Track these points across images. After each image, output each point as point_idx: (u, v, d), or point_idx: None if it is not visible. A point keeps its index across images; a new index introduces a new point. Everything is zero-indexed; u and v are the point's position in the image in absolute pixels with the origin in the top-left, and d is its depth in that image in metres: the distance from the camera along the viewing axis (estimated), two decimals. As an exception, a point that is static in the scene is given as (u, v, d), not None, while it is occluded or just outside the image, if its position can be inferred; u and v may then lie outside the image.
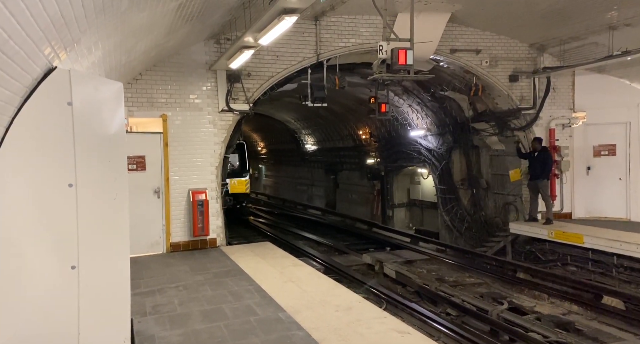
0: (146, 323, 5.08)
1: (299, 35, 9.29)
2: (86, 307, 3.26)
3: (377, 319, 4.97)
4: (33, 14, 2.34)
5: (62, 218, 3.17)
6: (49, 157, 3.11)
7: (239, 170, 17.06)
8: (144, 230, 8.48)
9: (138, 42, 5.86)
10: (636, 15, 8.34)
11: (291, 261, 7.69)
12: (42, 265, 3.13)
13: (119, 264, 3.46)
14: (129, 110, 8.38)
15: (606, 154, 11.12)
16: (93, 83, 3.43)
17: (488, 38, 10.57)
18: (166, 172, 8.70)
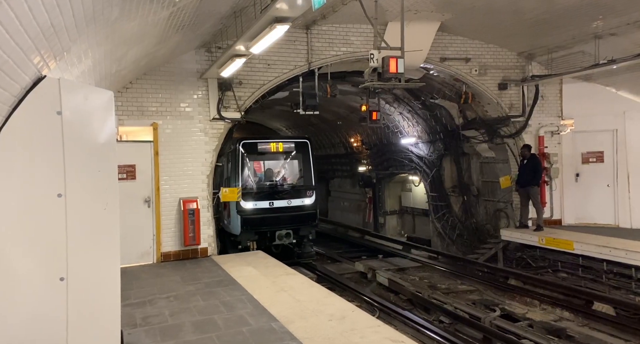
0: (136, 335, 4.99)
1: (290, 44, 9.33)
2: (75, 319, 3.20)
3: (370, 328, 4.94)
4: (23, 23, 2.31)
5: (51, 228, 3.12)
6: (37, 166, 3.07)
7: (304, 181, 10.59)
8: (134, 240, 8.37)
9: (129, 51, 5.84)
10: (620, 25, 8.51)
11: (284, 270, 7.64)
12: (30, 277, 3.07)
13: (109, 275, 3.40)
14: (119, 118, 8.31)
15: (594, 161, 11.27)
16: (83, 92, 3.40)
17: (477, 47, 10.70)
18: (157, 181, 8.62)
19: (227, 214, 10.25)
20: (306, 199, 10.43)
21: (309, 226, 10.54)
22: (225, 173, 10.43)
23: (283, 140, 11.00)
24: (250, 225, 9.75)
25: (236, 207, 9.76)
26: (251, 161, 10.53)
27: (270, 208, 9.99)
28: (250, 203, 9.80)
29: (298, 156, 10.82)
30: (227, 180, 10.21)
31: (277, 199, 10.08)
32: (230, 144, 10.25)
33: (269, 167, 10.94)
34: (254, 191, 10.00)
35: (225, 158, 10.36)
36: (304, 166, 10.72)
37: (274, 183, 10.47)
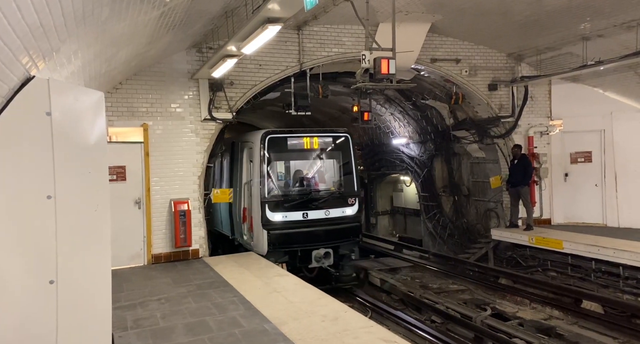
0: (128, 338, 4.94)
1: (282, 44, 9.32)
2: (65, 322, 3.15)
3: (363, 329, 4.95)
4: (11, 23, 2.28)
5: (41, 230, 3.07)
6: (26, 168, 3.02)
7: None
8: (124, 242, 8.29)
9: (119, 51, 5.79)
10: (608, 26, 8.64)
11: (276, 271, 7.62)
12: (18, 280, 3.02)
13: (99, 277, 3.36)
14: (109, 119, 8.23)
15: (582, 161, 11.42)
16: (73, 93, 3.36)
17: (467, 48, 10.79)
18: (147, 182, 8.55)
19: (248, 227, 8.69)
20: (347, 209, 8.57)
21: (351, 242, 8.67)
22: (240, 174, 9.05)
23: (319, 134, 9.10)
24: (280, 243, 8.13)
25: (261, 220, 8.20)
26: (278, 160, 8.89)
27: (303, 221, 8.29)
28: (278, 215, 8.11)
29: (336, 154, 9.01)
30: (244, 185, 8.69)
31: (312, 209, 8.30)
32: (238, 142, 9.08)
33: (300, 167, 9.13)
34: (283, 199, 8.37)
35: (239, 157, 9.11)
36: (345, 167, 8.93)
37: (308, 189, 8.72)
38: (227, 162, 10.43)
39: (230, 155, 9.90)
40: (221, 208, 10.88)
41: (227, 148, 10.44)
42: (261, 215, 8.17)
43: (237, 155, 9.46)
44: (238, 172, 9.26)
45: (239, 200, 9.29)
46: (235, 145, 9.78)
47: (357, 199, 8.78)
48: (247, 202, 8.93)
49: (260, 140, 8.39)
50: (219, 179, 10.97)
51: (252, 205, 8.63)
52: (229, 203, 9.87)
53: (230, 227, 9.97)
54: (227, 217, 10.13)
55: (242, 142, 9.40)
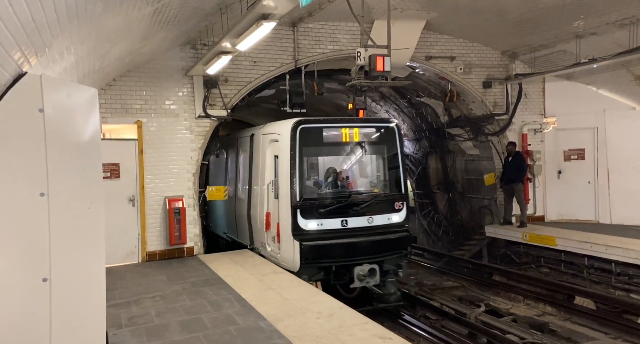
0: (122, 336, 4.93)
1: (277, 41, 9.28)
2: (59, 320, 3.14)
3: (358, 326, 4.96)
4: (2, 18, 2.25)
5: (33, 228, 3.05)
6: (19, 165, 2.99)
7: None
8: (118, 240, 8.25)
9: (112, 48, 5.74)
10: (601, 24, 8.68)
11: (271, 268, 7.61)
12: (11, 278, 3.00)
13: (93, 275, 3.34)
14: (102, 116, 8.17)
15: (576, 158, 11.50)
16: (66, 89, 3.33)
17: (462, 45, 10.81)
18: (141, 180, 8.51)
19: (273, 237, 7.50)
20: (394, 215, 7.30)
21: (398, 256, 7.34)
22: (260, 172, 7.88)
23: (360, 124, 7.75)
24: (315, 257, 6.88)
25: (292, 228, 6.96)
26: (312, 156, 7.72)
27: (342, 230, 7.04)
28: (312, 222, 6.91)
29: (381, 148, 7.78)
30: (267, 185, 7.52)
31: (352, 215, 7.05)
32: (256, 134, 8.00)
33: (338, 164, 7.85)
34: (318, 203, 7.14)
35: (259, 151, 7.91)
36: (390, 164, 7.68)
37: (348, 191, 7.49)
38: (237, 157, 9.42)
39: (250, 148, 8.53)
40: (228, 210, 9.74)
41: (232, 142, 9.76)
42: (291, 222, 6.90)
43: (256, 149, 8.17)
44: (258, 169, 7.95)
45: (260, 203, 7.91)
46: (254, 138, 8.47)
47: (404, 203, 7.46)
48: (271, 206, 7.59)
49: (290, 131, 7.04)
50: (221, 177, 10.35)
51: (280, 210, 7.22)
52: (244, 207, 8.69)
53: (249, 236, 8.58)
54: (245, 223, 8.78)
55: (264, 134, 8.00)
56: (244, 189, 9.03)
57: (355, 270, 6.91)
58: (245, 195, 8.78)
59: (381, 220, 7.27)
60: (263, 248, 7.90)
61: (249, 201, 8.58)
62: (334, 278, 7.06)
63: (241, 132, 9.72)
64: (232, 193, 9.65)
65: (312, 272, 7.00)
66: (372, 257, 7.03)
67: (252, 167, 8.27)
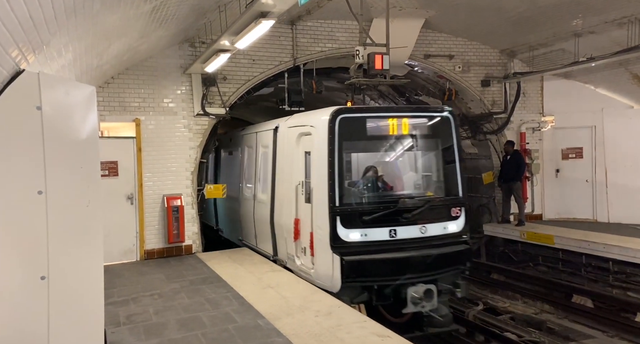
0: (120, 334, 4.92)
1: (276, 39, 9.27)
2: (57, 318, 3.13)
3: (357, 324, 4.97)
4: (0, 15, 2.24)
5: (32, 226, 3.04)
6: (16, 163, 2.99)
7: None
8: (116, 238, 8.24)
9: (110, 45, 5.72)
10: (599, 23, 8.69)
11: (269, 266, 7.62)
12: (9, 276, 2.99)
13: (91, 273, 3.34)
14: (100, 114, 8.15)
15: (574, 157, 11.52)
16: (64, 87, 3.32)
17: (461, 44, 10.80)
18: (139, 178, 8.50)
19: (304, 248, 6.45)
20: (451, 223, 6.27)
21: (457, 272, 6.26)
22: (286, 172, 6.92)
23: (411, 114, 6.67)
24: (359, 274, 5.88)
25: (330, 239, 5.90)
26: (354, 152, 6.58)
27: (391, 242, 6.00)
28: (355, 233, 5.90)
29: (434, 143, 6.69)
30: (296, 186, 6.55)
31: (402, 224, 5.98)
32: (280, 127, 7.08)
33: (385, 162, 6.79)
34: (362, 209, 6.10)
35: (283, 147, 7.00)
36: (446, 161, 6.57)
37: (397, 195, 6.37)
38: (255, 154, 8.55)
39: (273, 144, 7.52)
40: (245, 215, 8.81)
41: (248, 138, 9.03)
42: (330, 231, 5.87)
43: (280, 144, 7.20)
44: (284, 167, 6.98)
45: (286, 208, 6.94)
46: (279, 131, 7.45)
47: (463, 208, 6.41)
48: (301, 212, 6.56)
49: (327, 122, 6.00)
50: (234, 176, 9.74)
51: (314, 217, 6.18)
52: (265, 211, 7.67)
53: (272, 245, 7.57)
54: (267, 231, 7.75)
55: (291, 127, 6.98)
56: (265, 190, 7.88)
57: (408, 292, 5.79)
58: (267, 198, 7.66)
59: (436, 229, 6.17)
60: (290, 261, 6.82)
61: (272, 205, 7.42)
62: (376, 298, 5.97)
63: (260, 126, 8.67)
64: (249, 194, 8.83)
65: (355, 293, 5.90)
66: (426, 275, 5.96)
67: (276, 164, 7.19)
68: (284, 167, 7.07)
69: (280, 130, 7.46)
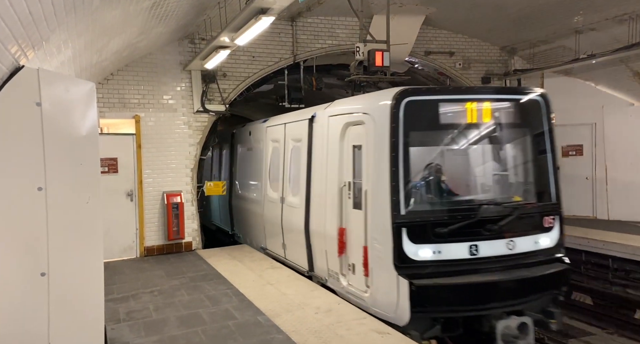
0: (120, 330, 4.93)
1: (275, 36, 9.25)
2: (57, 315, 3.14)
3: (356, 321, 4.98)
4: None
5: (31, 222, 3.04)
6: (16, 159, 2.98)
7: None
8: (116, 234, 8.25)
9: (110, 42, 5.71)
10: (600, 20, 8.67)
11: (269, 263, 7.63)
12: (9, 272, 2.99)
13: (91, 270, 3.34)
14: (100, 111, 8.14)
15: (574, 154, 11.51)
16: (63, 83, 3.31)
17: (461, 41, 10.78)
18: (139, 175, 8.49)
19: (352, 266, 5.36)
20: (543, 236, 5.10)
21: (551, 297, 5.09)
22: (324, 170, 5.90)
23: (493, 96, 5.36)
24: (431, 303, 4.72)
25: (394, 257, 4.71)
26: (423, 145, 5.26)
27: (472, 261, 4.78)
28: (426, 249, 4.69)
29: (521, 133, 5.43)
30: (340, 188, 5.48)
31: (484, 238, 4.79)
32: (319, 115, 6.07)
33: (463, 159, 5.44)
34: (434, 219, 4.86)
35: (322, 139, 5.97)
36: (536, 157, 5.39)
37: (477, 201, 5.11)
38: (284, 148, 7.39)
39: (308, 136, 6.44)
40: (270, 219, 7.72)
41: (273, 130, 7.99)
42: (393, 247, 4.69)
43: (318, 137, 6.19)
44: (323, 165, 5.95)
45: (327, 214, 5.86)
46: (316, 122, 6.40)
47: (558, 217, 5.23)
48: (349, 220, 5.47)
49: (389, 107, 4.79)
50: (253, 174, 8.92)
51: (370, 228, 5.04)
52: (298, 217, 6.59)
53: (307, 258, 6.47)
54: (300, 240, 6.58)
55: (334, 116, 5.89)
56: (296, 192, 6.83)
57: (497, 326, 4.62)
58: (299, 201, 6.58)
59: (526, 244, 4.95)
60: (333, 280, 5.78)
61: (307, 210, 6.33)
62: (451, 332, 4.81)
63: (290, 116, 7.61)
64: (275, 196, 7.68)
65: (426, 326, 4.75)
66: (516, 302, 4.77)
67: (312, 162, 6.18)
68: (323, 164, 5.98)
69: (318, 120, 6.34)
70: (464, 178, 5.42)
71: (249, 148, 9.45)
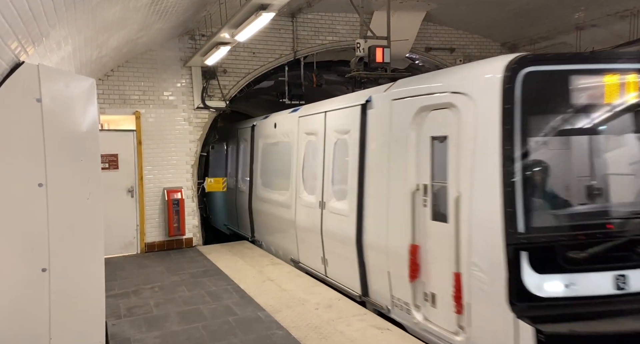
0: (121, 326, 4.95)
1: (276, 32, 9.23)
2: (58, 311, 3.15)
3: (356, 317, 5.00)
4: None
5: (32, 219, 3.05)
6: (16, 155, 2.99)
7: None
8: (117, 231, 8.27)
9: (110, 38, 5.70)
10: (601, 16, 8.64)
11: (270, 259, 7.65)
12: (10, 268, 3.01)
13: (92, 266, 3.36)
14: (100, 107, 8.14)
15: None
16: (63, 79, 3.32)
17: (462, 37, 10.75)
18: (140, 171, 8.50)
19: (432, 296, 4.23)
20: None
21: None
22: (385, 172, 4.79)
23: None
24: None
25: (509, 290, 3.50)
26: (547, 135, 3.82)
27: (618, 298, 3.58)
28: (555, 281, 3.52)
29: None
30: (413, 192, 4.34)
31: (633, 265, 3.59)
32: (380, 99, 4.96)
33: (603, 156, 4.14)
34: (564, 240, 3.57)
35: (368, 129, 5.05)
36: None
37: (626, 214, 3.78)
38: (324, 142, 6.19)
39: (361, 125, 5.23)
40: (297, 226, 6.76)
41: (299, 123, 6.91)
42: (508, 278, 3.50)
43: (374, 127, 5.09)
44: (382, 162, 4.86)
45: (390, 225, 4.74)
46: (374, 107, 5.14)
47: None
48: (424, 235, 4.33)
49: (501, 82, 3.60)
50: (265, 173, 8.18)
51: (463, 249, 3.82)
52: (347, 226, 5.42)
53: (360, 279, 5.33)
54: (350, 257, 5.40)
55: (402, 99, 4.65)
56: (342, 195, 5.74)
57: None
58: (347, 207, 5.47)
59: None
60: (400, 311, 4.68)
61: (359, 219, 5.20)
62: None
63: (331, 102, 6.43)
64: (311, 200, 6.44)
65: None
66: None
67: (366, 158, 5.10)
68: (383, 162, 4.83)
69: (375, 105, 5.09)
70: (607, 181, 3.97)
71: (273, 143, 7.93)
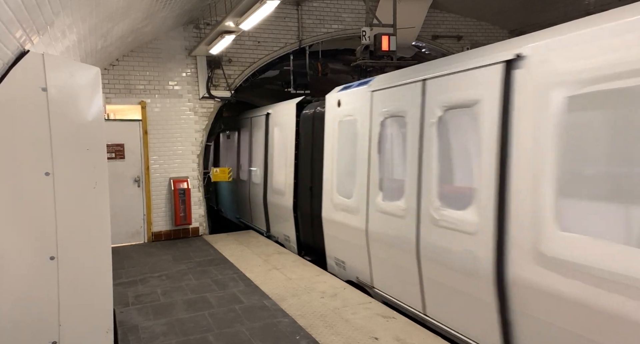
0: (129, 313, 5.02)
1: (281, 21, 9.15)
2: (66, 298, 3.19)
3: (362, 305, 5.02)
4: (2, -6, 2.22)
5: (39, 207, 3.08)
6: (23, 144, 3.00)
7: None
8: (124, 220, 8.34)
9: (114, 27, 5.67)
10: (613, 1, 8.46)
11: (275, 248, 7.69)
12: (19, 257, 3.04)
13: (100, 254, 3.38)
14: (106, 96, 8.15)
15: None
16: (68, 69, 3.31)
17: (469, 24, 10.61)
18: (146, 161, 8.53)
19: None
20: None
21: None
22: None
23: None
24: None
25: None
26: None
27: None
28: None
29: None
30: None
31: None
32: None
33: None
34: None
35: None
36: None
37: None
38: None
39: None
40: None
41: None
42: None
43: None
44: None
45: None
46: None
47: None
48: None
49: None
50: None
51: None
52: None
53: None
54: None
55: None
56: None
57: None
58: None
59: None
60: None
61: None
62: None
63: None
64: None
65: None
66: None
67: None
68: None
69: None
70: None
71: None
